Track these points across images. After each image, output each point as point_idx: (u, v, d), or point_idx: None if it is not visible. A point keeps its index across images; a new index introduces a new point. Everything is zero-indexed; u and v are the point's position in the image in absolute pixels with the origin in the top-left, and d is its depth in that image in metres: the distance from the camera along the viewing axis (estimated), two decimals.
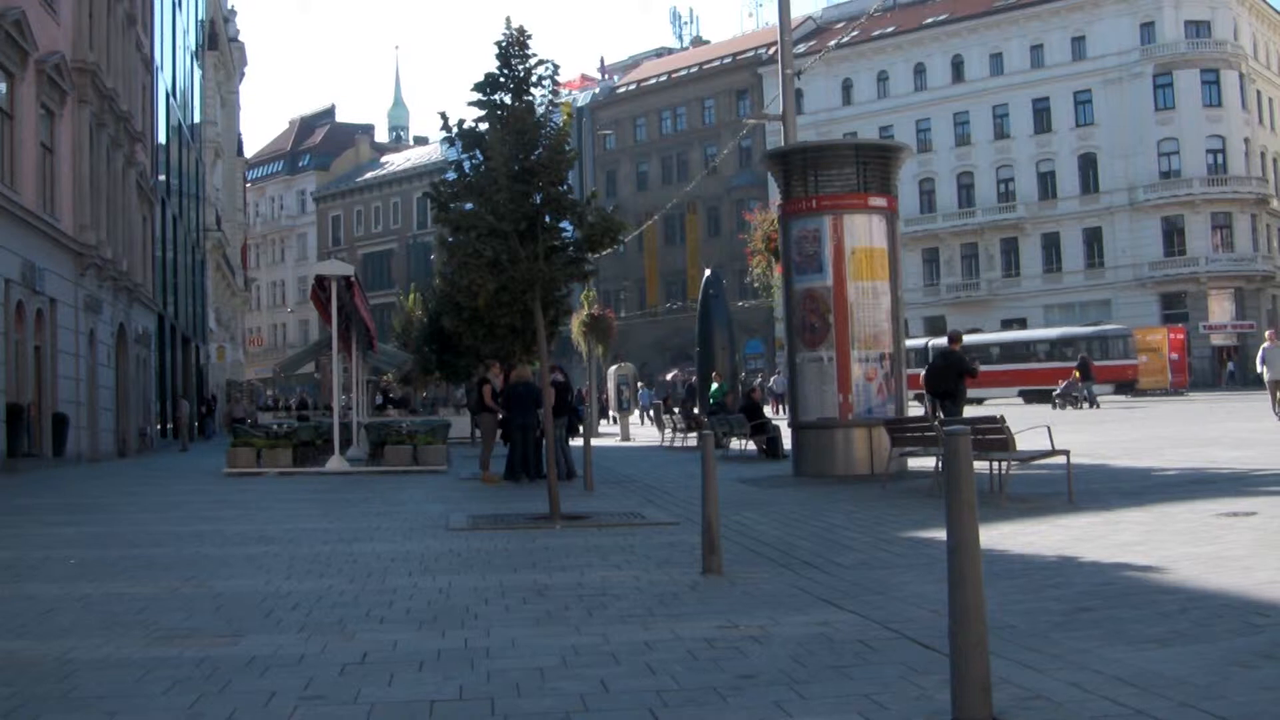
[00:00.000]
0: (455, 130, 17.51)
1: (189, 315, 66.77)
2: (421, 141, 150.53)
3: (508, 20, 17.68)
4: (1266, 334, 34.13)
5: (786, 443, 25.56)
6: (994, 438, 15.93)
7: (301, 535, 15.11)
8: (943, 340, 23.90)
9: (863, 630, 7.97)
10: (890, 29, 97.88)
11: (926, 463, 19.60)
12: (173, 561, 12.61)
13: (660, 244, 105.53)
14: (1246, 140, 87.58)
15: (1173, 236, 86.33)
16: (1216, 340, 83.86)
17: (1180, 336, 73.78)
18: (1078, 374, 56.69)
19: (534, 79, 17.50)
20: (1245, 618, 8.13)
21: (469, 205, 17.26)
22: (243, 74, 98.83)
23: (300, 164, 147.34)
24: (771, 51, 76.12)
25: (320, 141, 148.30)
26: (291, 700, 6.58)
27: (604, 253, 18.56)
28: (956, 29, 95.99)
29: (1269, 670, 6.70)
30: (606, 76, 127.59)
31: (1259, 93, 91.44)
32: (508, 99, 17.36)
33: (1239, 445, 24.59)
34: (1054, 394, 57.30)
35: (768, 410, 41.19)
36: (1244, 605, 8.53)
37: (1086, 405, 53.98)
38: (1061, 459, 16.20)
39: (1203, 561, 10.38)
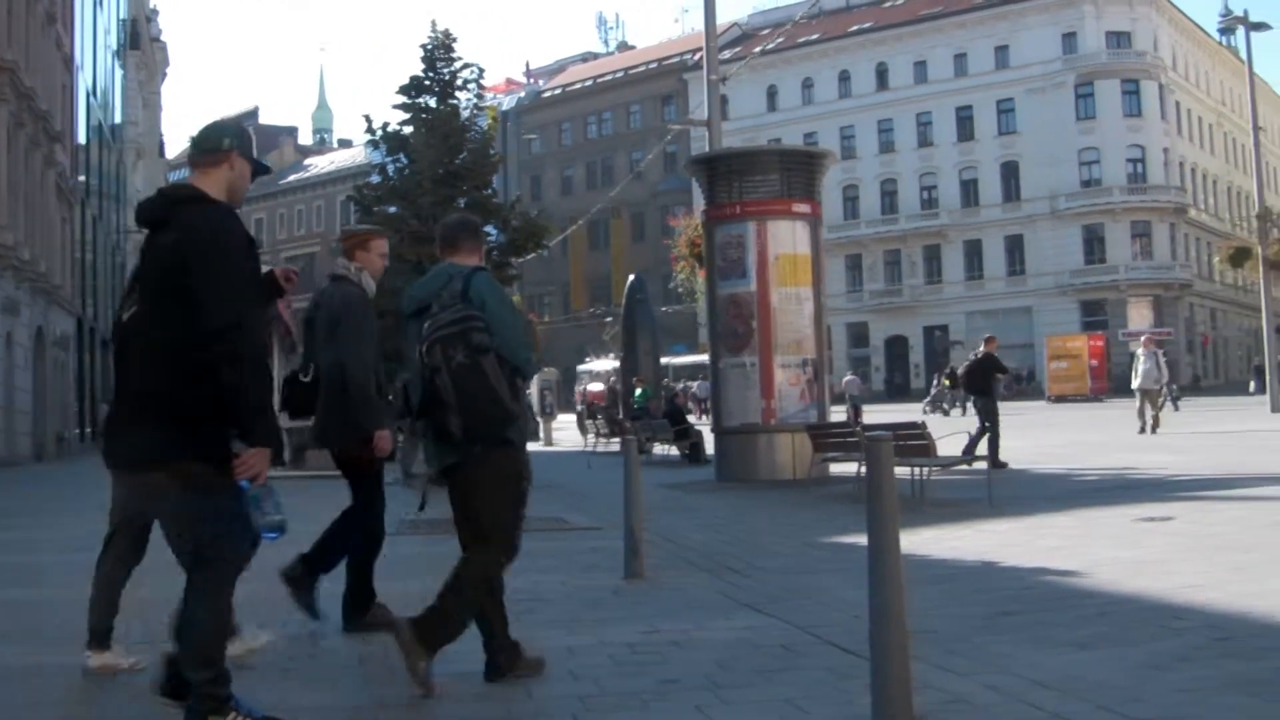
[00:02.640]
0: (380, 133, 17.50)
1: (110, 318, 66.01)
2: (346, 144, 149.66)
3: (433, 24, 17.77)
4: (1142, 339, 34.25)
5: (710, 448, 25.59)
6: (915, 444, 16.01)
7: None
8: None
9: (786, 635, 7.98)
10: (815, 36, 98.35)
11: (849, 468, 19.68)
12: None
13: (585, 249, 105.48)
14: (1166, 150, 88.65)
15: (1093, 245, 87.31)
16: (1135, 347, 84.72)
17: (1100, 343, 74.50)
18: (947, 383, 59.54)
19: (459, 82, 17.54)
20: (1164, 621, 8.21)
21: (393, 208, 17.25)
22: (165, 74, 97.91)
23: None
24: (697, 57, 76.23)
25: None
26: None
27: (529, 257, 18.60)
28: (881, 37, 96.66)
29: (1187, 673, 6.76)
30: (532, 80, 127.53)
31: (1178, 103, 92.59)
32: (433, 102, 17.38)
33: (1156, 450, 24.86)
34: (923, 402, 59.62)
35: (691, 416, 41.25)
36: (1163, 609, 8.61)
37: (959, 412, 55.97)
38: (982, 464, 16.32)
39: (1123, 566, 10.47)
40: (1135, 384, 32.22)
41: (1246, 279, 73.41)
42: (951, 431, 18.62)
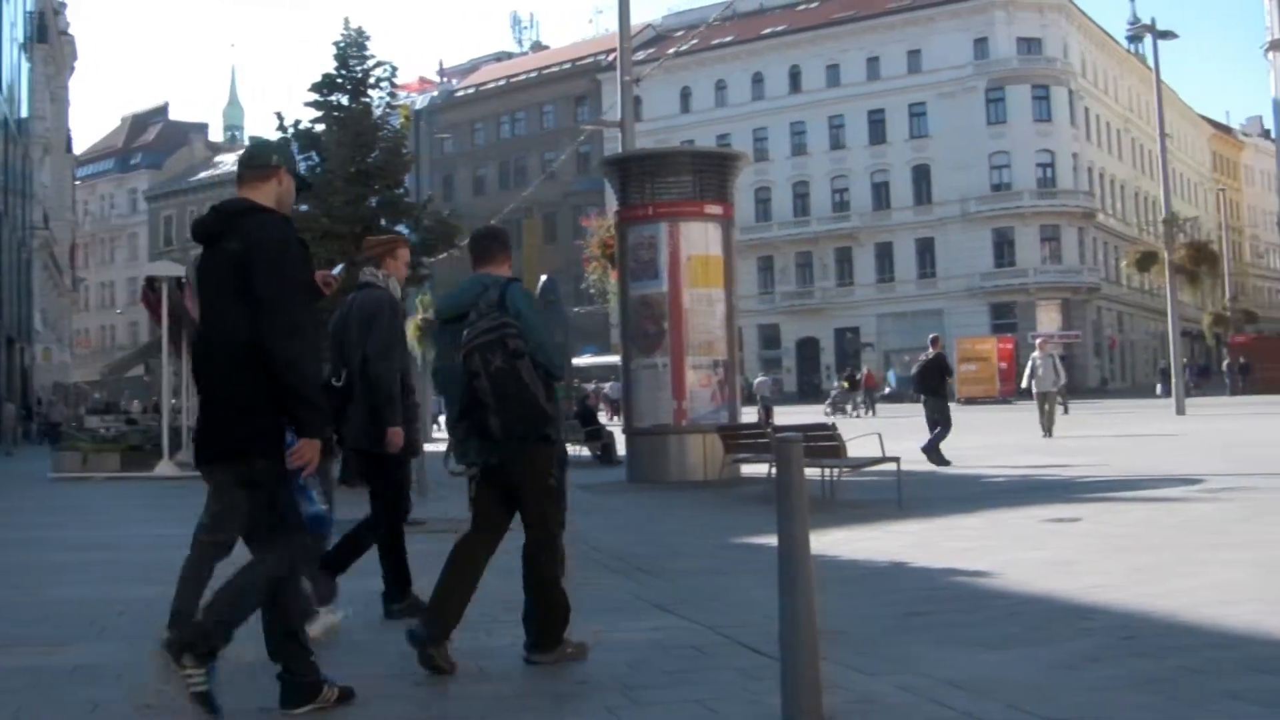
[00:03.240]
0: (291, 131, 17.32)
1: (14, 316, 65.13)
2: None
3: (346, 21, 17.59)
4: (1036, 343, 34.37)
5: (621, 449, 25.58)
6: (826, 444, 16.07)
7: (131, 541, 14.82)
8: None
9: (697, 636, 7.98)
10: (729, 38, 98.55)
11: (761, 469, 19.73)
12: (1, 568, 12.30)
13: None
14: (1075, 155, 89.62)
15: (1003, 248, 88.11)
16: (1050, 349, 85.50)
17: (1009, 346, 75.13)
18: (846, 384, 62.54)
19: (372, 80, 17.44)
20: (1073, 621, 8.29)
21: (304, 207, 17.11)
22: (73, 68, 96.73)
23: (132, 162, 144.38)
24: (611, 58, 76.22)
25: (153, 140, 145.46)
26: (118, 711, 6.43)
27: (440, 256, 18.51)
28: (795, 40, 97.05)
29: (1095, 672, 6.83)
30: (445, 80, 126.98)
31: (1087, 109, 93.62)
32: (345, 100, 17.26)
33: (1062, 452, 25.10)
34: (824, 404, 62.05)
35: (602, 416, 41.21)
36: (1072, 609, 8.70)
37: (860, 413, 57.98)
38: (892, 465, 16.40)
39: (1031, 566, 10.56)
40: (1033, 387, 31.86)
41: (1153, 283, 74.20)
42: (862, 433, 18.69)
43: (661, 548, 12.91)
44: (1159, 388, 67.48)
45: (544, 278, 17.45)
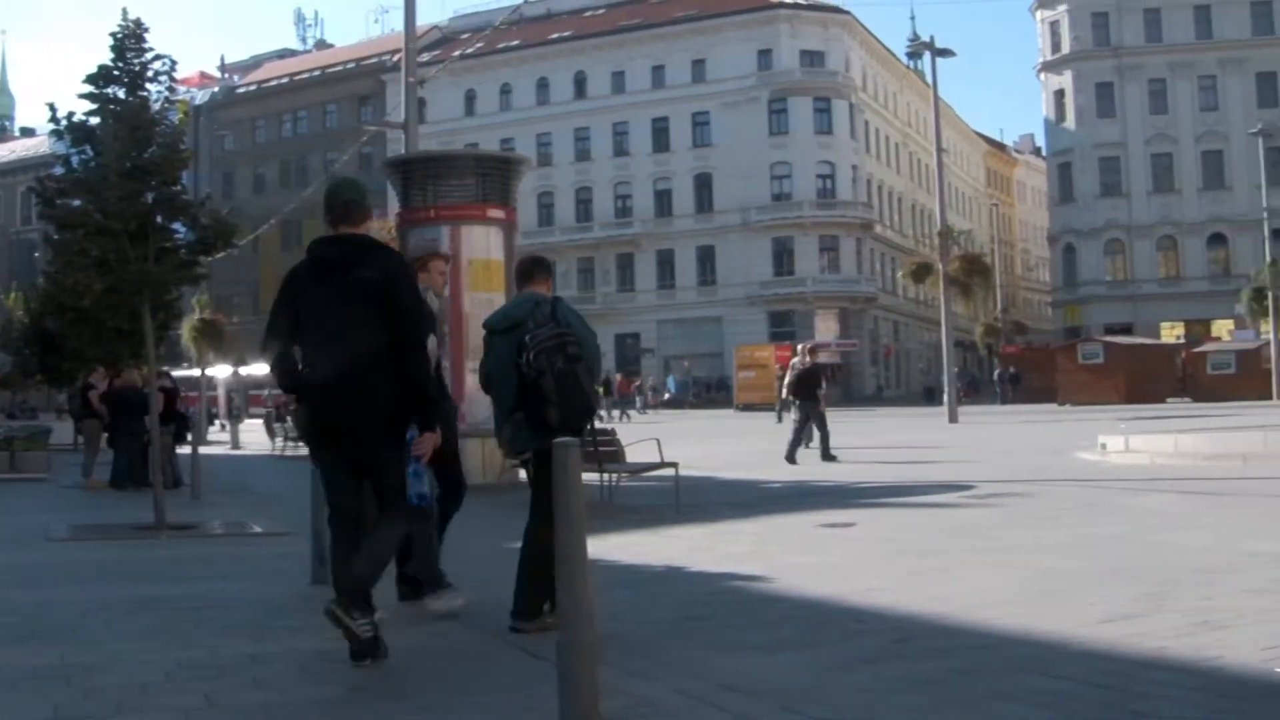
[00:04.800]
0: (65, 123, 16.79)
1: None
2: (28, 133, 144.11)
3: (124, 11, 17.10)
4: (798, 348, 34.54)
5: None
6: (605, 449, 16.12)
7: None
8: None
9: (475, 640, 7.96)
10: (515, 43, 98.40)
11: None
12: None
13: (277, 249, 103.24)
14: (854, 167, 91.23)
15: (783, 257, 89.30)
16: (822, 358, 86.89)
17: (787, 354, 75.99)
18: (601, 390, 60.86)
19: (150, 74, 16.97)
20: (845, 624, 8.43)
21: (77, 202, 16.64)
22: None
23: None
24: (396, 58, 75.60)
25: None
26: None
27: (218, 256, 18.14)
28: (581, 46, 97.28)
29: (868, 673, 6.95)
30: (226, 76, 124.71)
31: (867, 122, 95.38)
32: (122, 93, 16.79)
33: (837, 461, 25.50)
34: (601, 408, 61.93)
35: None
36: (846, 612, 8.84)
37: (625, 417, 57.88)
38: (671, 470, 16.51)
39: (806, 571, 10.70)
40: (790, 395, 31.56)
41: (928, 294, 75.76)
42: (640, 438, 18.80)
43: (441, 552, 12.83)
44: (934, 395, 68.89)
45: None
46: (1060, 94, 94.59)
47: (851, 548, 12.40)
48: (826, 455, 25.67)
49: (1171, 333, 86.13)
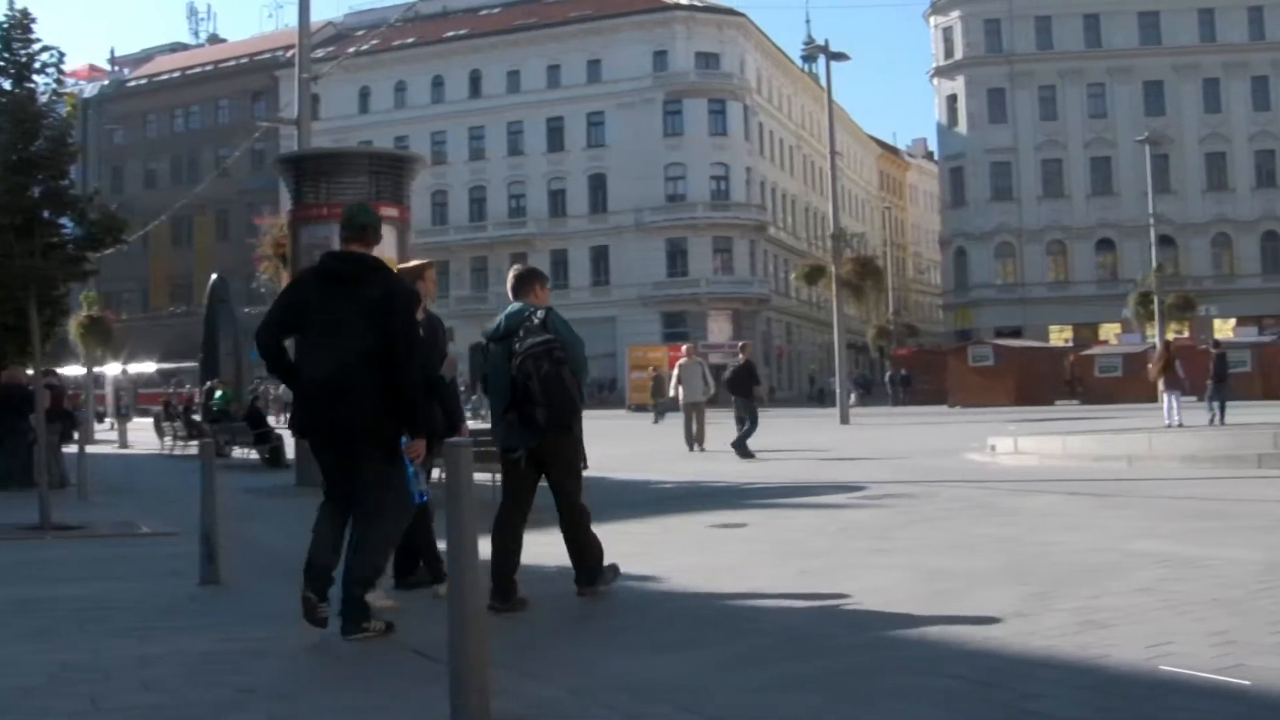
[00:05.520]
0: None
1: None
2: None
3: (10, 2, 16.83)
4: (684, 349, 34.69)
5: (291, 452, 25.17)
6: (492, 450, 16.00)
7: None
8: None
9: (366, 642, 7.88)
10: (411, 40, 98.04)
11: (434, 472, 19.61)
12: None
13: (167, 245, 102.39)
14: (749, 169, 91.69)
15: (676, 258, 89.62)
16: (714, 359, 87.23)
17: (679, 355, 76.18)
18: (481, 390, 60.67)
19: (37, 65, 16.70)
20: (738, 624, 8.46)
21: None
22: None
23: None
24: (290, 54, 75.04)
25: None
26: None
27: (106, 252, 17.90)
28: (477, 44, 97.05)
29: (760, 672, 6.97)
30: (117, 69, 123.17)
31: (761, 125, 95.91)
32: (7, 85, 16.52)
33: (727, 459, 25.60)
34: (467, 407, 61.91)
35: (271, 419, 40.51)
36: (737, 612, 8.90)
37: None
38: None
39: (699, 571, 10.74)
40: (681, 397, 31.42)
41: (820, 296, 76.18)
42: None
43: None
44: (825, 397, 69.33)
45: (214, 276, 17.19)
46: (953, 99, 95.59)
47: (743, 548, 12.43)
48: (740, 447, 26.41)
49: (1060, 336, 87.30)
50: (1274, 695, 6.11)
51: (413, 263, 11.12)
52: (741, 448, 26.41)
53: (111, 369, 71.33)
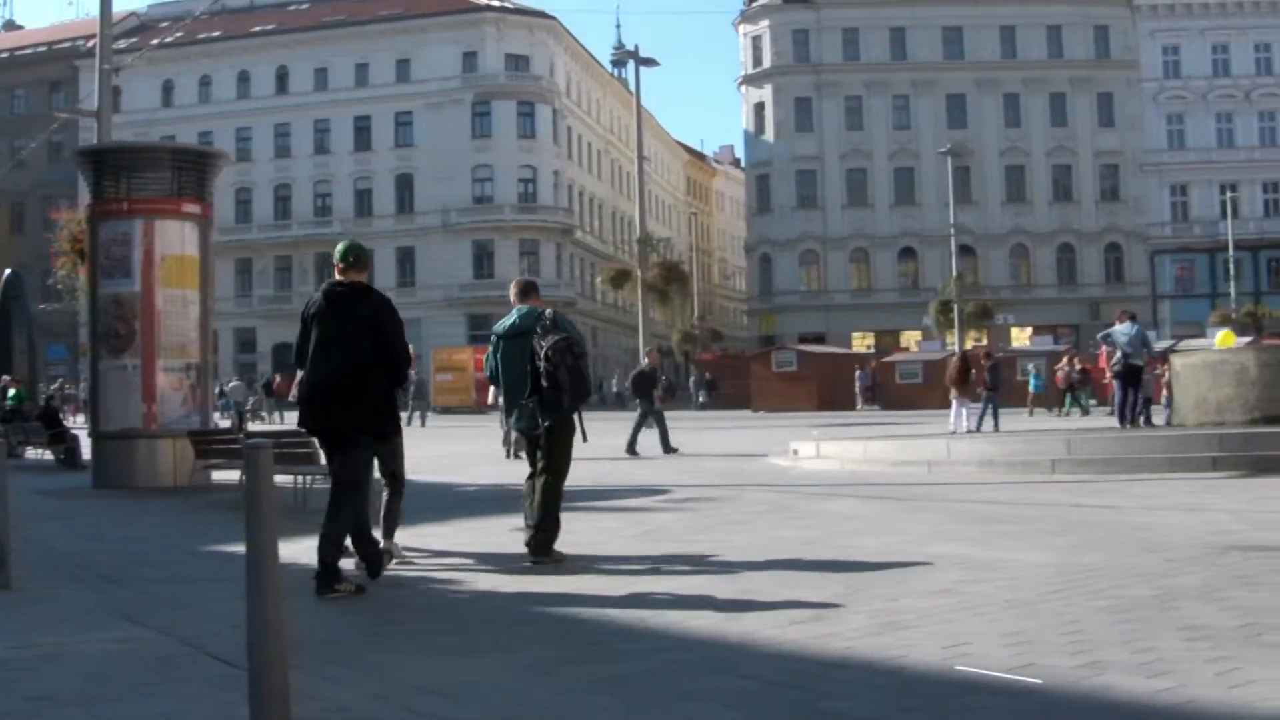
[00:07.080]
0: None
1: None
2: None
3: None
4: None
5: (87, 452, 24.65)
6: (299, 451, 15.83)
7: None
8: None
9: (164, 647, 7.75)
10: (216, 34, 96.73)
11: (233, 475, 19.36)
12: None
13: None
14: (556, 172, 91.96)
15: (483, 259, 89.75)
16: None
17: (484, 357, 76.13)
18: (262, 392, 64.64)
19: None
20: (541, 627, 8.49)
21: None
22: None
23: None
24: (91, 44, 73.40)
25: None
26: None
27: None
28: (284, 40, 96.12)
29: (569, 674, 6.99)
30: None
31: (570, 128, 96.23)
32: None
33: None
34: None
35: (71, 418, 39.66)
36: (540, 615, 8.93)
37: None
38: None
39: (508, 573, 10.72)
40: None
41: (626, 300, 76.70)
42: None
43: (128, 556, 12.52)
44: (628, 401, 69.63)
45: (7, 271, 16.76)
46: (760, 107, 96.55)
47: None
48: (667, 448, 28.44)
49: (863, 342, 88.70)
50: (1064, 693, 6.27)
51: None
52: (632, 448, 28.05)
53: None
